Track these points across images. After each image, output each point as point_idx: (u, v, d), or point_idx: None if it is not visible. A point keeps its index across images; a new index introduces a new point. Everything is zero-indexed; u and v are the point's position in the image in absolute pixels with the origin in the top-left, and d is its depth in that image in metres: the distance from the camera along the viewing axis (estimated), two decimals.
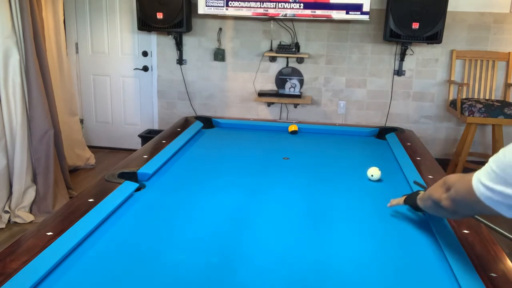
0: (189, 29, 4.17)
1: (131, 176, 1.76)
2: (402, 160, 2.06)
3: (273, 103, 4.41)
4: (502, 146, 3.70)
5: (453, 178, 1.12)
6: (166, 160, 1.98)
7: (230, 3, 3.98)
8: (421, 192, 1.46)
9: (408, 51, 4.11)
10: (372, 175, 1.84)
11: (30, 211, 3.15)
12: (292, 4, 3.93)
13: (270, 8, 3.96)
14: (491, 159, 0.95)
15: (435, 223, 1.40)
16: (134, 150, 2.27)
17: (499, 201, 0.92)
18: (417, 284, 1.13)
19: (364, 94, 4.30)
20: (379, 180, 1.84)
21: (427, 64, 4.17)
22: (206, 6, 4.03)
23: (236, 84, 4.43)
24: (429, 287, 1.12)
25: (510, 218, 0.95)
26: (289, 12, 3.96)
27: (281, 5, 3.94)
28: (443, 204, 1.14)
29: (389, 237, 1.38)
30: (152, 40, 4.41)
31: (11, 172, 3.11)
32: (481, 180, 0.95)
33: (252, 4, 3.96)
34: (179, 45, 4.33)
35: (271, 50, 4.26)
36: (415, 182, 1.67)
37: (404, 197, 1.55)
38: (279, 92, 4.29)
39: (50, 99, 3.25)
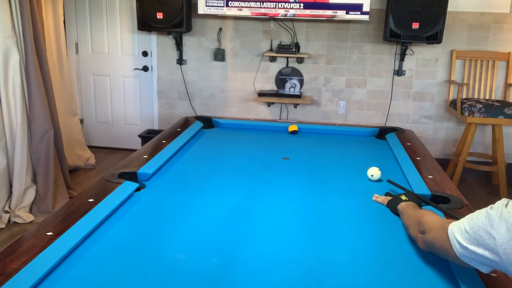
0: (189, 29, 4.17)
1: (131, 176, 1.76)
2: (402, 160, 2.06)
3: (273, 103, 4.41)
4: (502, 146, 3.73)
5: (430, 223, 1.17)
6: (166, 160, 1.98)
7: (230, 3, 3.98)
8: (404, 197, 1.49)
9: (408, 51, 4.11)
10: (372, 175, 1.84)
11: (30, 211, 3.15)
12: (292, 4, 3.93)
13: (270, 8, 3.96)
14: (465, 218, 1.00)
15: None
16: (134, 150, 2.27)
17: (472, 258, 0.97)
18: (417, 284, 1.13)
19: (364, 94, 4.30)
20: (379, 180, 1.84)
21: (427, 64, 4.17)
22: (206, 6, 4.02)
23: (236, 84, 4.43)
24: (430, 287, 1.12)
25: (486, 273, 1.01)
26: (289, 12, 3.96)
27: (281, 5, 3.94)
28: (418, 243, 1.22)
29: (389, 238, 1.38)
30: (152, 40, 4.41)
31: (11, 172, 3.11)
32: (456, 237, 1.00)
33: (252, 4, 3.96)
34: (179, 45, 4.33)
35: (271, 50, 4.26)
36: (388, 181, 1.69)
37: (389, 198, 1.57)
38: (279, 92, 4.29)
39: (50, 99, 3.25)
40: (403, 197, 1.50)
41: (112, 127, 4.70)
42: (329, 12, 3.92)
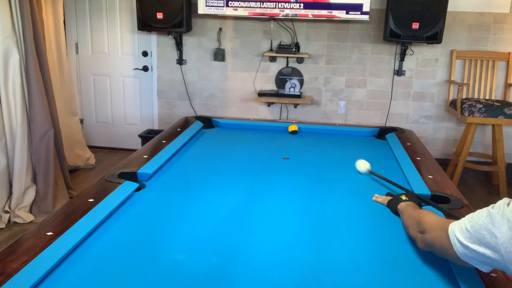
0: (189, 29, 4.17)
1: (131, 176, 1.76)
2: (402, 160, 2.06)
3: (273, 103, 4.41)
4: (502, 146, 3.73)
5: (429, 223, 1.17)
6: (166, 160, 1.98)
7: (230, 3, 3.98)
8: (404, 197, 1.49)
9: (408, 51, 4.11)
10: (360, 170, 1.89)
11: (30, 211, 3.15)
12: (292, 4, 3.93)
13: (270, 8, 3.96)
14: (466, 217, 1.00)
15: None
16: (134, 150, 2.27)
17: (473, 258, 0.97)
18: (417, 284, 1.13)
19: (364, 94, 4.30)
20: (368, 173, 1.88)
21: (427, 64, 4.17)
22: (206, 6, 4.02)
23: (236, 84, 4.43)
24: (430, 287, 1.12)
25: (486, 272, 1.01)
26: (289, 12, 3.96)
27: (281, 5, 3.94)
28: (418, 243, 1.21)
29: (389, 238, 1.38)
30: (152, 40, 4.41)
31: (11, 172, 3.11)
32: (457, 236, 1.00)
33: (252, 4, 3.96)
34: (179, 45, 4.33)
35: (271, 50, 4.26)
36: (371, 171, 1.75)
37: (389, 198, 1.57)
38: (279, 92, 4.29)
39: (50, 99, 3.25)
40: (403, 197, 1.50)
41: (112, 127, 4.70)
42: (329, 12, 3.91)
